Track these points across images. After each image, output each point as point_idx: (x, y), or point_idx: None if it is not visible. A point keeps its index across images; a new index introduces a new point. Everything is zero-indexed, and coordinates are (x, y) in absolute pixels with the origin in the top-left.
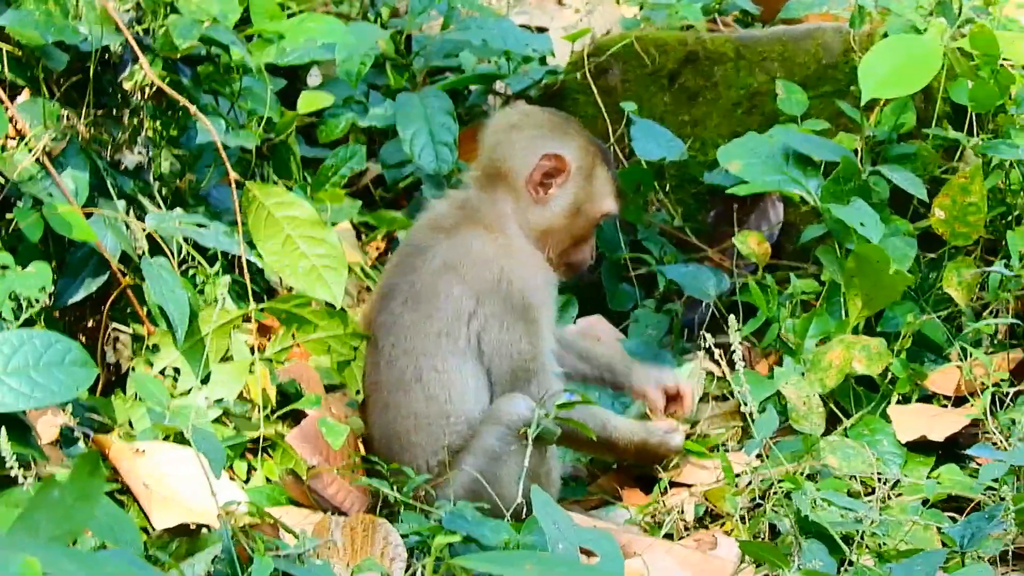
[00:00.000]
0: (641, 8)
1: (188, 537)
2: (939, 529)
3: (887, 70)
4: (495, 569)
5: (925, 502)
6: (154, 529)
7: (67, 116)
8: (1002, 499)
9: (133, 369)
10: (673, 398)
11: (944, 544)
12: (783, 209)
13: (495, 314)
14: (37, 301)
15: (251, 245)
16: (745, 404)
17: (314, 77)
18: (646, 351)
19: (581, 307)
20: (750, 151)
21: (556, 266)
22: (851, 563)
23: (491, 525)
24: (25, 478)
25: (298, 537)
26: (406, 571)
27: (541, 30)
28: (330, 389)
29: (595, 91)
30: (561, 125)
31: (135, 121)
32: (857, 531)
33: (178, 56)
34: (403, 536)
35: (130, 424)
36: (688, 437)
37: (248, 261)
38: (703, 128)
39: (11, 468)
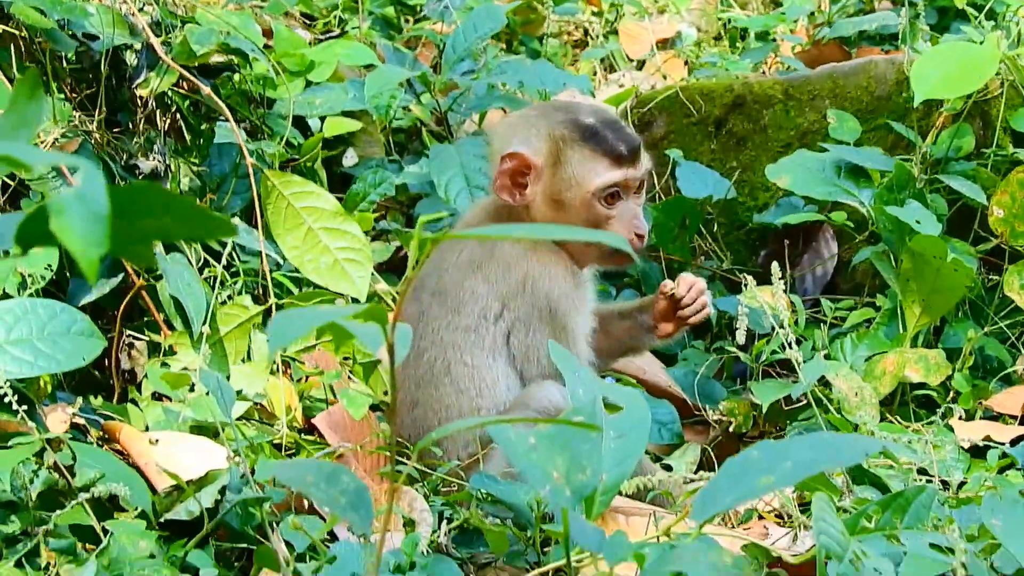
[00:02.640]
0: (690, 72)
1: None
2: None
3: (941, 73)
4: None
5: None
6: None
7: (79, 119)
8: None
9: (147, 376)
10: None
11: None
12: (836, 245)
13: (521, 319)
14: (43, 279)
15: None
16: (790, 346)
17: (349, 158)
18: (694, 382)
19: None
20: (800, 165)
21: (602, 254)
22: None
23: (522, 488)
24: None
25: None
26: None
27: None
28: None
29: None
30: (527, 118)
31: (151, 129)
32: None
33: (196, 64)
34: (429, 503)
35: (147, 428)
36: None
37: (268, 258)
38: (752, 173)
39: (20, 422)
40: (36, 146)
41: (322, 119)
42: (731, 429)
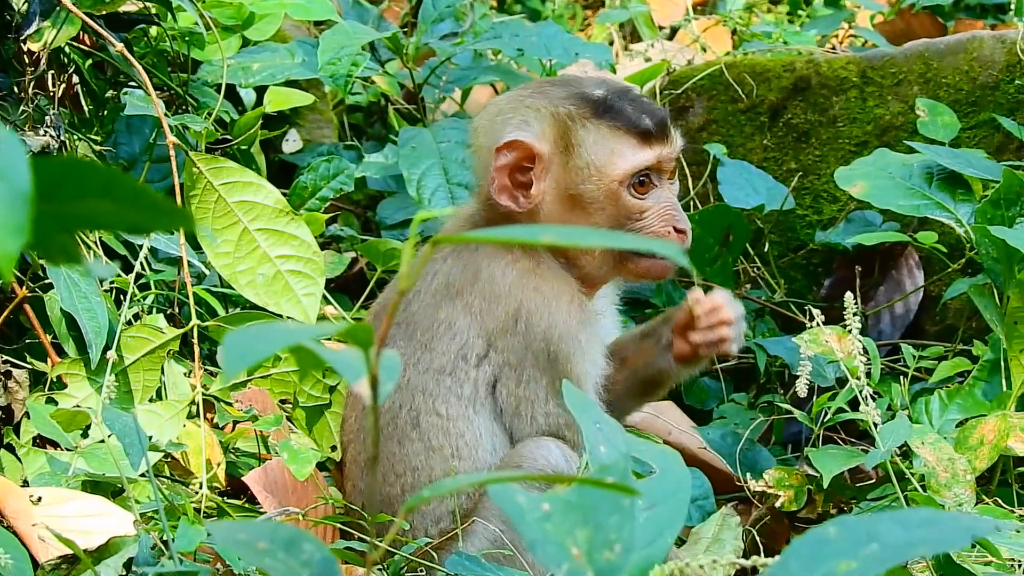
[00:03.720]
0: (737, 45)
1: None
2: None
3: None
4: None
5: None
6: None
7: None
8: None
9: (28, 415)
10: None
11: None
12: (923, 275)
13: (511, 363)
14: None
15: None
16: (864, 403)
17: (292, 142)
18: (732, 445)
19: None
20: (879, 170)
21: (633, 267)
22: None
23: (511, 573)
24: None
25: None
26: None
27: None
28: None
29: None
30: (518, 99)
31: (41, 95)
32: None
33: (103, 13)
34: None
35: (26, 482)
36: None
37: (190, 268)
38: (816, 178)
39: None
40: None
41: (260, 90)
42: (779, 506)
